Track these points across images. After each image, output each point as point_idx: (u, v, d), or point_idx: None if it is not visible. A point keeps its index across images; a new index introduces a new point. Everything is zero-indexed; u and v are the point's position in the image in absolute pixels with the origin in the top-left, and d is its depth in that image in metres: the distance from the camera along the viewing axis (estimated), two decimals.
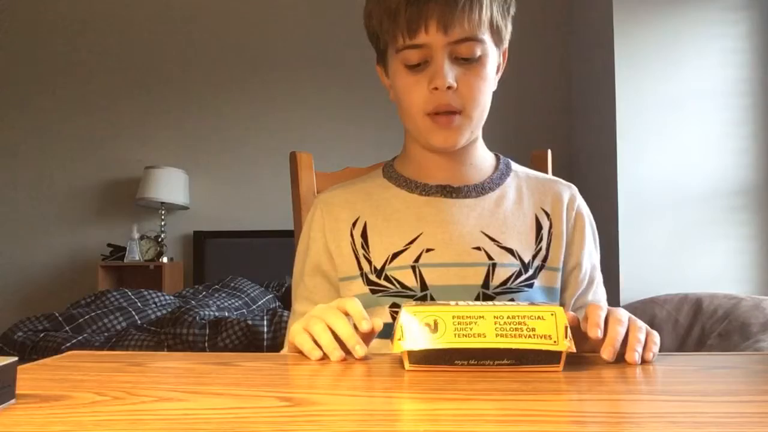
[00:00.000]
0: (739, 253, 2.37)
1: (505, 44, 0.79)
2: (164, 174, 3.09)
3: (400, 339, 0.51)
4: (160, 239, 3.16)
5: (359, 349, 0.57)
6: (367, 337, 0.59)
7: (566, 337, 0.50)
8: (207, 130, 3.33)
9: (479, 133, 0.81)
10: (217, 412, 0.39)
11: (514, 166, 0.86)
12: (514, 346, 0.50)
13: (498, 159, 0.86)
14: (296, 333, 0.60)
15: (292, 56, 3.32)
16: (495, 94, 0.78)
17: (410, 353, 0.51)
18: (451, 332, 0.50)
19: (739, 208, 2.39)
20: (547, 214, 0.80)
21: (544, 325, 0.50)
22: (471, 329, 0.50)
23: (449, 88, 0.71)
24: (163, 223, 3.18)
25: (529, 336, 0.50)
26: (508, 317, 0.50)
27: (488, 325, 0.50)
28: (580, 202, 0.84)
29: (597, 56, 2.68)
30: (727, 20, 2.42)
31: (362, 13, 0.79)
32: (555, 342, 0.49)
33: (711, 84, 2.41)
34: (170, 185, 3.09)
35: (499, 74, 0.80)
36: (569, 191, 0.84)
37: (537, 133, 3.12)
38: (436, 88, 0.71)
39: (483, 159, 0.83)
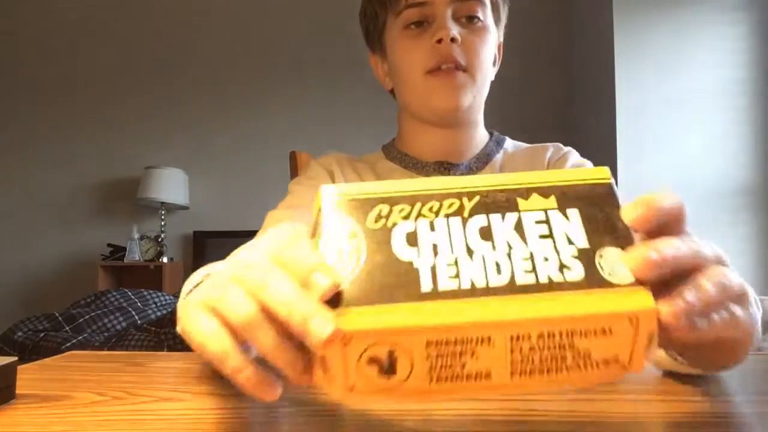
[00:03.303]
0: (739, 253, 2.37)
1: (501, 34, 0.77)
2: (164, 174, 3.09)
3: (325, 384, 0.27)
4: (160, 239, 3.16)
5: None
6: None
7: (647, 355, 0.27)
8: (207, 130, 3.33)
9: (480, 116, 0.78)
10: (217, 412, 0.39)
11: (507, 143, 0.82)
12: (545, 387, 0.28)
13: (491, 137, 0.81)
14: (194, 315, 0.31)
15: (292, 57, 3.32)
16: (495, 93, 0.78)
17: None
18: (423, 374, 0.27)
19: (739, 208, 2.39)
20: None
21: (609, 344, 0.27)
22: (463, 367, 0.27)
23: (453, 40, 0.68)
24: (163, 223, 3.18)
25: (576, 367, 0.27)
26: (539, 336, 0.26)
27: (498, 356, 0.27)
28: (567, 152, 0.78)
29: (597, 56, 2.68)
30: (726, 20, 2.42)
31: (359, 12, 0.79)
32: (625, 366, 0.28)
33: (711, 84, 2.41)
34: (170, 185, 3.09)
35: (496, 67, 0.78)
36: (554, 149, 0.79)
37: (536, 133, 3.12)
38: (440, 41, 0.68)
39: (481, 141, 0.79)
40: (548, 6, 3.16)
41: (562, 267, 0.27)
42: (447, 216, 0.29)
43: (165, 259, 3.10)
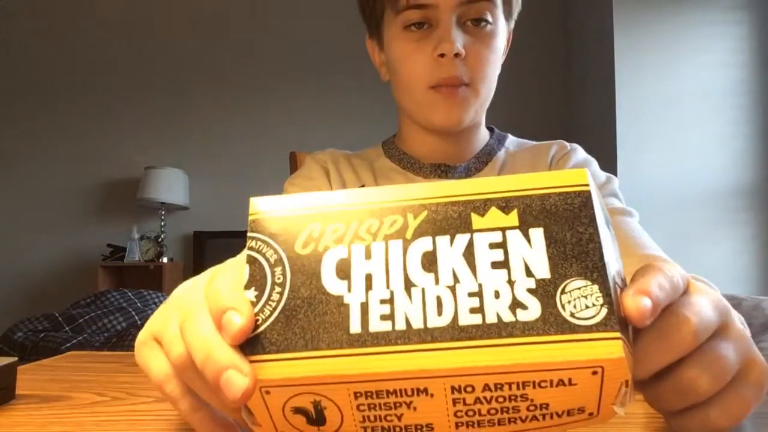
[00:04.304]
0: (739, 253, 2.37)
1: (512, 23, 0.72)
2: (164, 174, 3.09)
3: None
4: (160, 239, 3.16)
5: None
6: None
7: (619, 403, 0.23)
8: (207, 130, 3.33)
9: (482, 117, 0.74)
10: None
11: (509, 141, 0.78)
12: None
13: (492, 134, 0.77)
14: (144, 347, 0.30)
15: (291, 56, 3.32)
16: (494, 92, 0.76)
17: None
18: (355, 425, 0.25)
19: (739, 208, 2.39)
20: None
21: (570, 396, 0.23)
22: (400, 418, 0.24)
23: (457, 55, 0.62)
24: (163, 224, 3.18)
25: (534, 418, 0.24)
26: (485, 387, 0.23)
27: (438, 408, 0.24)
28: (570, 150, 0.74)
29: (597, 56, 2.68)
30: (727, 20, 2.42)
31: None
32: (593, 413, 0.24)
33: (711, 84, 2.41)
34: (170, 185, 3.09)
35: (503, 57, 0.72)
36: (557, 146, 0.75)
37: (536, 133, 3.11)
38: (442, 55, 0.62)
39: (481, 141, 0.75)
40: (548, 6, 3.16)
41: (515, 304, 0.23)
42: (386, 238, 0.25)
43: (165, 260, 3.10)
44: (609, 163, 2.46)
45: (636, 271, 0.26)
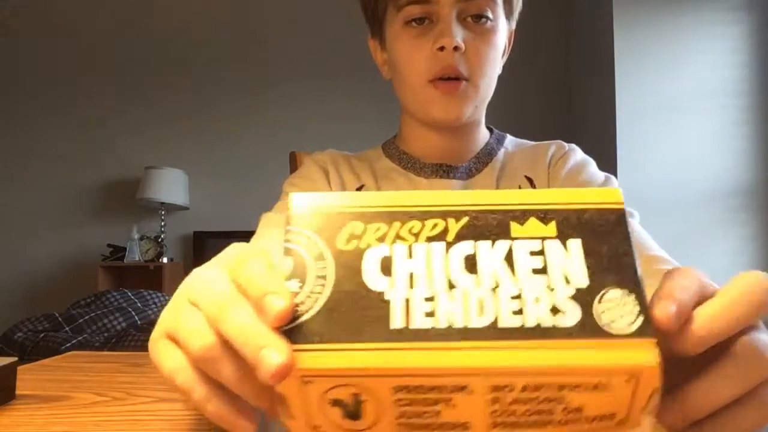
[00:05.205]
0: (738, 253, 2.37)
1: (514, 23, 0.73)
2: (164, 174, 3.09)
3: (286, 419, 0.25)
4: (160, 239, 3.16)
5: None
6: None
7: (647, 412, 0.24)
8: (207, 130, 3.33)
9: (482, 116, 0.74)
10: None
11: (508, 141, 0.79)
12: None
13: (491, 134, 0.78)
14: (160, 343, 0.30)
15: (291, 56, 3.32)
16: (494, 93, 0.76)
17: None
18: (392, 420, 0.25)
19: (739, 208, 2.39)
20: (531, 181, 0.72)
21: (604, 401, 0.23)
22: (438, 415, 0.24)
23: (456, 48, 0.63)
24: (163, 224, 3.18)
25: (566, 422, 0.24)
26: (524, 388, 0.23)
27: (477, 405, 0.24)
28: (569, 150, 0.74)
29: (597, 57, 2.69)
30: (726, 20, 2.42)
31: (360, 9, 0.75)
32: (623, 423, 0.24)
33: (711, 84, 2.41)
34: (170, 185, 3.09)
35: (504, 58, 0.73)
36: (556, 146, 0.75)
37: (536, 133, 3.11)
38: (442, 48, 0.63)
39: (482, 140, 0.76)
40: (548, 6, 3.16)
41: (554, 310, 0.23)
42: (428, 240, 0.25)
43: (165, 260, 3.10)
44: (609, 163, 2.46)
45: (663, 277, 0.27)
